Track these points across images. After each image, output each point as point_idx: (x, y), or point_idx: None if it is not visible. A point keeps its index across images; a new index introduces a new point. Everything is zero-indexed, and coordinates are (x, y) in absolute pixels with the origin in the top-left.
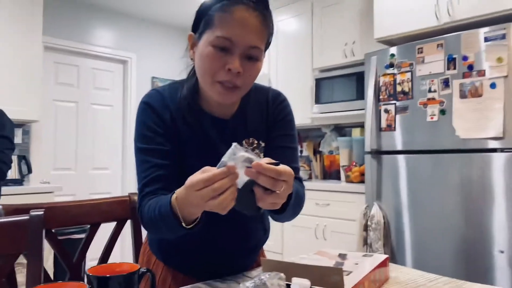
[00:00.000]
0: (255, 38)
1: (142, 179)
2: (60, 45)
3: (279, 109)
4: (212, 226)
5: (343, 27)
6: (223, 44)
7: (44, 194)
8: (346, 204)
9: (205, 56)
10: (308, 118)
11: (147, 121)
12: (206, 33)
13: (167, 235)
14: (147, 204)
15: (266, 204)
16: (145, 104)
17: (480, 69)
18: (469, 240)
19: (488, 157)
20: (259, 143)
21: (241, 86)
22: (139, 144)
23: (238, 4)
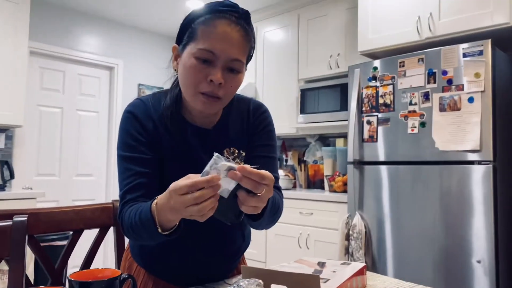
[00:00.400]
0: (237, 51)
1: (123, 186)
2: (46, 51)
3: (259, 120)
4: (193, 233)
5: (328, 39)
6: (206, 57)
7: (26, 200)
8: (329, 213)
9: (188, 67)
10: (293, 128)
11: (130, 129)
12: (190, 45)
13: (147, 241)
14: (128, 210)
15: (248, 208)
16: (128, 113)
17: (459, 84)
18: (448, 250)
19: (466, 169)
20: (240, 153)
21: (223, 97)
22: (121, 152)
23: (221, 19)
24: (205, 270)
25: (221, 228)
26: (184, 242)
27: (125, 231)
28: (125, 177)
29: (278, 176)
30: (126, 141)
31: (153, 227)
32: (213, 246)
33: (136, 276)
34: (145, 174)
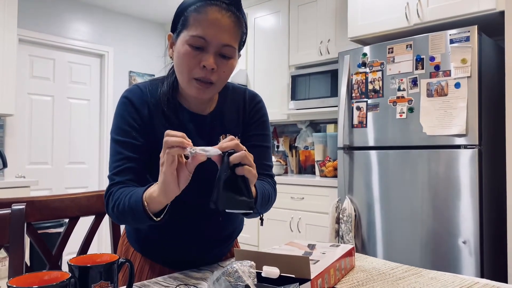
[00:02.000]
0: (228, 37)
1: (113, 168)
2: (35, 38)
3: (255, 110)
4: (187, 218)
5: (318, 25)
6: (198, 43)
7: (20, 188)
8: (320, 198)
9: (182, 54)
10: (284, 114)
11: (125, 115)
12: (183, 33)
13: (131, 223)
14: (119, 191)
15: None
16: (125, 98)
17: (446, 69)
18: (436, 232)
19: (453, 153)
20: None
21: (216, 82)
22: (114, 135)
23: (212, 6)
24: (200, 253)
25: (215, 213)
26: (179, 226)
27: (109, 210)
28: (115, 160)
29: (272, 165)
30: (119, 125)
31: (142, 209)
32: (207, 231)
33: (132, 260)
34: (134, 159)
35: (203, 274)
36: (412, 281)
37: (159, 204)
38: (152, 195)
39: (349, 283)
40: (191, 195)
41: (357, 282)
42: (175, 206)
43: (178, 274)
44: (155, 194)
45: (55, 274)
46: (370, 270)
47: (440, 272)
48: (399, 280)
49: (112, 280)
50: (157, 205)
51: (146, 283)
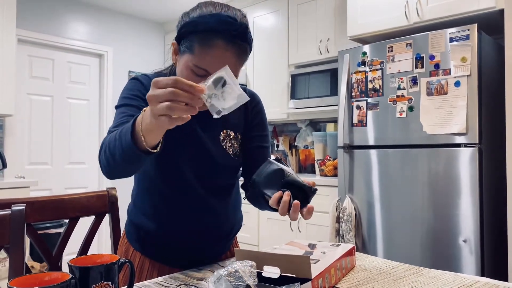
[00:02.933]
0: (232, 69)
1: (114, 124)
2: (34, 38)
3: (256, 111)
4: (187, 213)
5: (318, 24)
6: (200, 73)
7: (19, 189)
8: (320, 197)
9: (184, 76)
10: (284, 113)
11: (132, 88)
12: (186, 55)
13: (120, 163)
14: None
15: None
16: (133, 78)
17: (446, 68)
18: (436, 231)
19: (453, 152)
20: (236, 135)
21: None
22: (119, 103)
23: (218, 39)
24: (199, 250)
25: (216, 208)
26: (180, 222)
27: (101, 155)
28: (117, 119)
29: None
30: (125, 95)
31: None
32: (207, 225)
33: (132, 260)
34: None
35: (203, 274)
36: (412, 280)
37: (158, 135)
38: (148, 127)
39: (349, 282)
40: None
41: (358, 282)
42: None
43: (179, 274)
44: (152, 127)
45: (56, 275)
46: (370, 269)
47: (441, 271)
48: (400, 279)
49: (113, 280)
50: (156, 136)
51: (147, 284)
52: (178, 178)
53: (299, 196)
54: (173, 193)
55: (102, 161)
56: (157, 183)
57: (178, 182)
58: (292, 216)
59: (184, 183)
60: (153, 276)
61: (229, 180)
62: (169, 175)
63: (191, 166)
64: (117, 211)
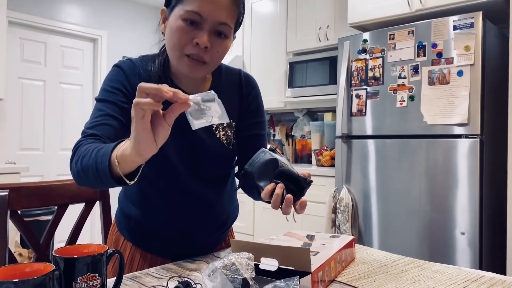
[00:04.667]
0: (225, 14)
1: (89, 123)
2: (26, 21)
3: (252, 96)
4: (180, 201)
5: (317, 11)
6: (193, 18)
7: (10, 174)
8: (316, 187)
9: (174, 29)
10: (281, 102)
11: (113, 79)
12: (177, 7)
13: (94, 184)
14: (91, 144)
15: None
16: (116, 66)
17: (448, 57)
18: (433, 222)
19: (453, 143)
20: (230, 123)
21: (209, 62)
22: (98, 96)
23: None
24: (193, 241)
25: (209, 198)
26: (172, 211)
27: (72, 164)
28: (94, 116)
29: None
30: (105, 87)
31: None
32: (201, 215)
33: (122, 250)
34: (116, 118)
35: (197, 265)
36: (415, 274)
37: (132, 163)
38: (125, 152)
39: (350, 275)
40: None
41: (359, 275)
42: (166, 189)
43: (171, 265)
44: (128, 152)
45: (38, 266)
46: (371, 262)
47: (444, 264)
48: (402, 273)
49: (100, 272)
50: (130, 164)
51: (138, 275)
52: (168, 169)
53: (294, 187)
54: (163, 183)
55: (73, 169)
56: (146, 172)
57: (168, 173)
58: (284, 211)
59: (174, 174)
60: (144, 267)
61: (223, 170)
62: (158, 166)
63: (181, 157)
64: (108, 199)
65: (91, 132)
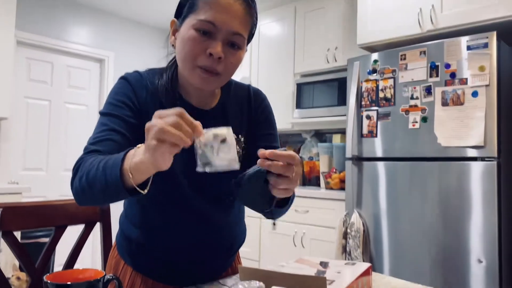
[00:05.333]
0: (239, 24)
1: (92, 138)
2: (33, 41)
3: (261, 108)
4: (184, 224)
5: (325, 32)
6: (206, 28)
7: (11, 195)
8: (325, 211)
9: (186, 39)
10: (289, 123)
11: (119, 92)
12: (189, 17)
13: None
14: (93, 157)
15: (280, 191)
16: (122, 78)
17: (462, 77)
18: (447, 248)
19: (466, 166)
20: (238, 137)
21: (222, 73)
22: (103, 110)
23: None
24: (197, 266)
25: (215, 219)
26: (175, 232)
27: (75, 182)
28: (97, 131)
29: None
30: (111, 101)
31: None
32: (206, 237)
33: (122, 275)
34: (120, 133)
35: None
36: None
37: (147, 175)
38: (139, 166)
39: None
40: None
41: None
42: (170, 209)
43: None
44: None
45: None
46: None
47: None
48: None
49: None
50: (145, 175)
51: None
52: (172, 187)
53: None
54: (166, 203)
55: (76, 188)
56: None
57: (172, 192)
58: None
59: (179, 193)
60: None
61: (231, 188)
62: (162, 184)
63: (187, 174)
64: (109, 220)
65: (93, 149)
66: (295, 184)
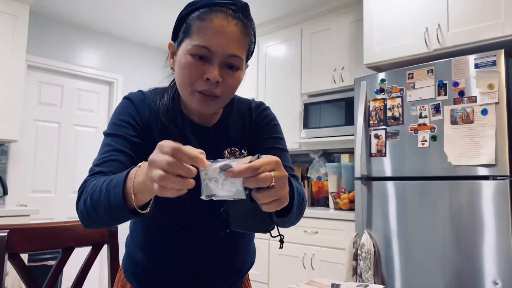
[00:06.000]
0: (235, 46)
1: (96, 160)
2: (44, 64)
3: (262, 116)
4: (192, 247)
5: (332, 53)
6: (201, 53)
7: (19, 217)
8: (335, 232)
9: (183, 65)
10: (296, 143)
11: (123, 112)
12: (185, 42)
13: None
14: (96, 179)
15: (270, 205)
16: (125, 98)
17: (471, 95)
18: (461, 270)
19: (478, 185)
20: (241, 152)
21: (221, 96)
22: (107, 131)
23: (217, 12)
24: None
25: (223, 241)
26: (181, 253)
27: (80, 204)
28: (101, 152)
29: (292, 166)
30: (114, 121)
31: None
32: (213, 259)
33: None
34: (124, 153)
35: None
36: None
37: (150, 196)
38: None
39: None
40: (194, 218)
41: None
42: (176, 230)
43: None
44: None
45: None
46: None
47: None
48: None
49: None
50: (148, 197)
51: None
52: (176, 209)
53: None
54: (172, 225)
55: (81, 210)
56: (154, 214)
57: (177, 209)
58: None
59: (183, 214)
60: None
61: None
62: (165, 206)
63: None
64: (117, 242)
65: (98, 170)
66: (282, 191)
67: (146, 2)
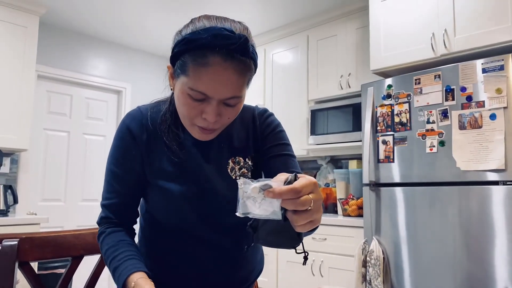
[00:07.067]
0: (232, 90)
1: (104, 198)
2: (53, 74)
3: (266, 123)
4: (200, 256)
5: (338, 59)
6: (198, 97)
7: (30, 225)
8: (344, 238)
9: (181, 102)
10: (304, 149)
11: (121, 145)
12: (181, 78)
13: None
14: (105, 239)
15: (304, 226)
16: (123, 123)
17: (479, 100)
18: (472, 276)
19: (488, 190)
20: (246, 161)
21: (220, 127)
22: (109, 164)
23: (214, 55)
24: None
25: (228, 251)
26: (188, 266)
27: (99, 243)
28: (106, 190)
29: (301, 173)
30: (115, 154)
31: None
32: (220, 271)
33: None
34: (124, 195)
35: None
36: None
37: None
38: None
39: None
40: (201, 228)
41: None
42: (183, 239)
43: None
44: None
45: None
46: None
47: None
48: None
49: None
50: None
51: None
52: (181, 220)
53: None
54: (175, 233)
55: (101, 251)
56: (159, 225)
57: (181, 221)
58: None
59: (188, 225)
60: None
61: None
62: (170, 217)
63: (195, 206)
64: None
65: (105, 216)
66: (318, 214)
67: (154, 12)
